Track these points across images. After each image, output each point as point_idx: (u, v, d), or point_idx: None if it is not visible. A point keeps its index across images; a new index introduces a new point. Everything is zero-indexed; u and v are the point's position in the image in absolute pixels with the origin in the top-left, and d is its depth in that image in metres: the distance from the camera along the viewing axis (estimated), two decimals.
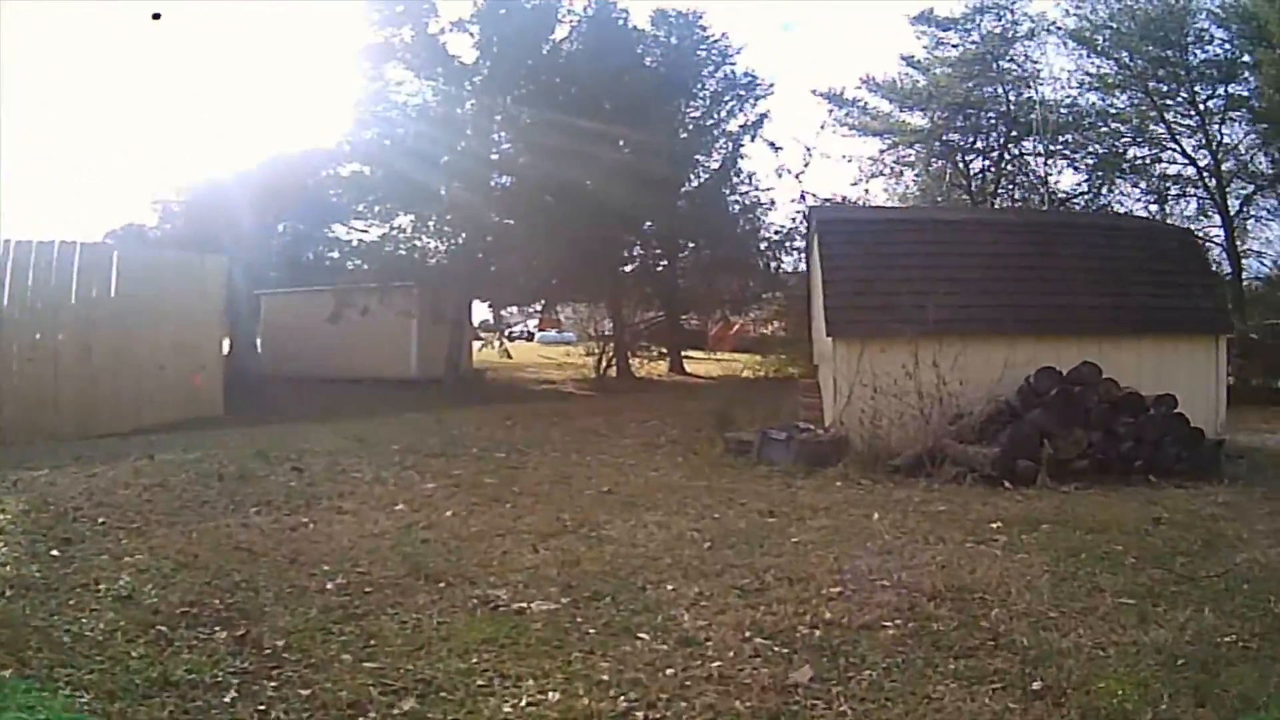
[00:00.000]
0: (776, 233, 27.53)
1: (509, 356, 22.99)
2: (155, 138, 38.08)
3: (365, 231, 24.34)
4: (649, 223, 26.09)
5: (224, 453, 9.88)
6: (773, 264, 27.46)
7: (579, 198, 20.41)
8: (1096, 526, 6.80)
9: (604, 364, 24.43)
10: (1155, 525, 6.87)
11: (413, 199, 21.35)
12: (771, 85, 27.78)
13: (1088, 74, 24.47)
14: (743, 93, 27.49)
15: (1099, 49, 23.75)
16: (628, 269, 27.64)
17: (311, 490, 7.86)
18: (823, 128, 30.74)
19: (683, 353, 29.44)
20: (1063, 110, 24.54)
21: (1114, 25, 23.14)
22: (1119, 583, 5.27)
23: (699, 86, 27.23)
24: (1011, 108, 25.34)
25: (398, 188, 21.06)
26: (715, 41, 27.10)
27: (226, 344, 20.39)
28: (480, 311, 31.01)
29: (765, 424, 12.05)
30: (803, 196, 27.15)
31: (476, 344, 28.06)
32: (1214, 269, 18.71)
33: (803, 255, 27.53)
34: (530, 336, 50.52)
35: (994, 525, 6.84)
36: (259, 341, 24.12)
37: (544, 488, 8.31)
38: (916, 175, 28.72)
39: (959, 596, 5.04)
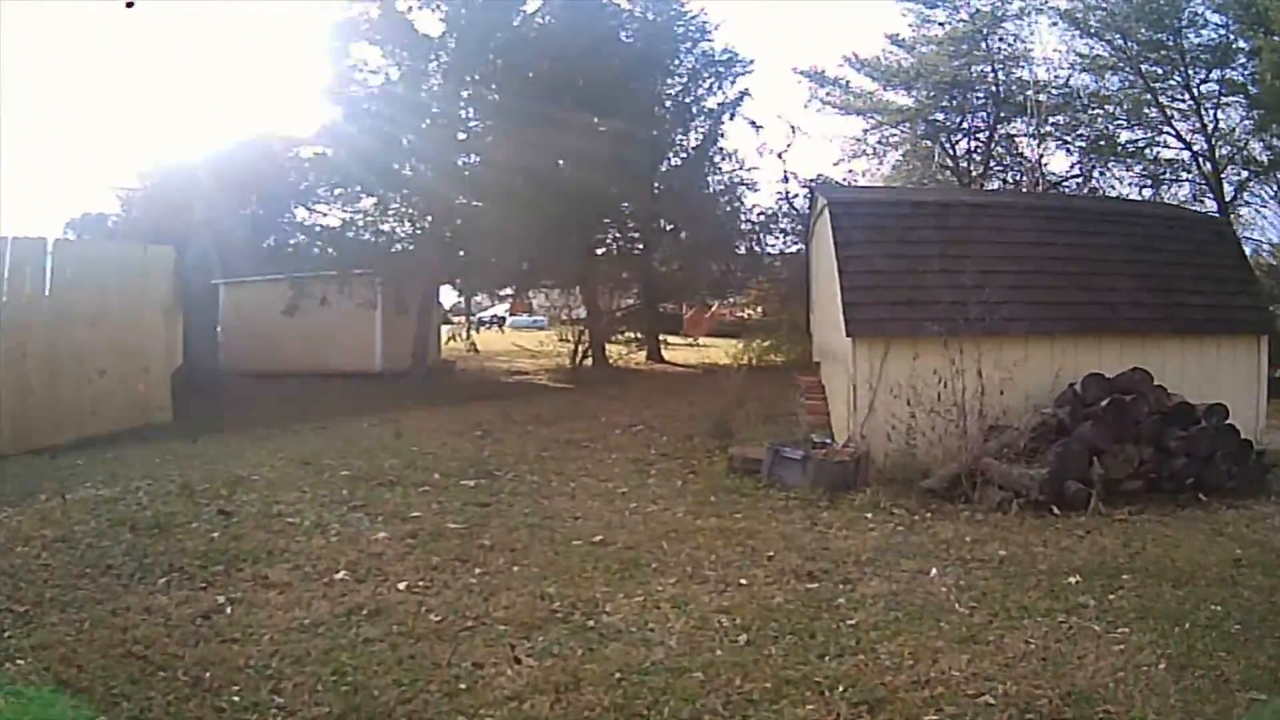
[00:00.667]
0: (760, 214, 26.23)
1: (475, 350, 21.32)
2: (117, 123, 35.86)
3: (326, 215, 22.63)
4: (625, 204, 24.68)
5: (147, 487, 8.33)
6: (755, 246, 26.14)
7: (551, 179, 18.93)
8: (1179, 576, 5.79)
9: (579, 354, 22.86)
10: (1238, 568, 5.98)
11: (376, 181, 19.73)
12: (751, 62, 26.23)
13: (1079, 55, 23.66)
14: (722, 69, 25.93)
15: (1091, 30, 22.83)
16: (602, 253, 26.21)
17: (236, 547, 6.28)
18: (805, 106, 29.20)
19: (660, 339, 28.01)
20: (1053, 91, 23.81)
21: (1105, 7, 22.31)
22: (1241, 667, 4.33)
23: (676, 63, 25.65)
24: (1000, 88, 24.51)
25: (360, 169, 19.43)
26: (693, 17, 25.47)
27: (182, 340, 18.69)
28: (450, 297, 29.60)
29: (767, 432, 10.78)
30: (786, 177, 26.03)
31: (446, 329, 26.45)
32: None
33: (788, 238, 26.49)
34: (501, 322, 48.90)
35: (1072, 581, 5.67)
36: (219, 335, 22.43)
37: (521, 537, 6.74)
38: (902, 155, 27.90)
39: (1083, 715, 3.85)
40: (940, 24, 25.01)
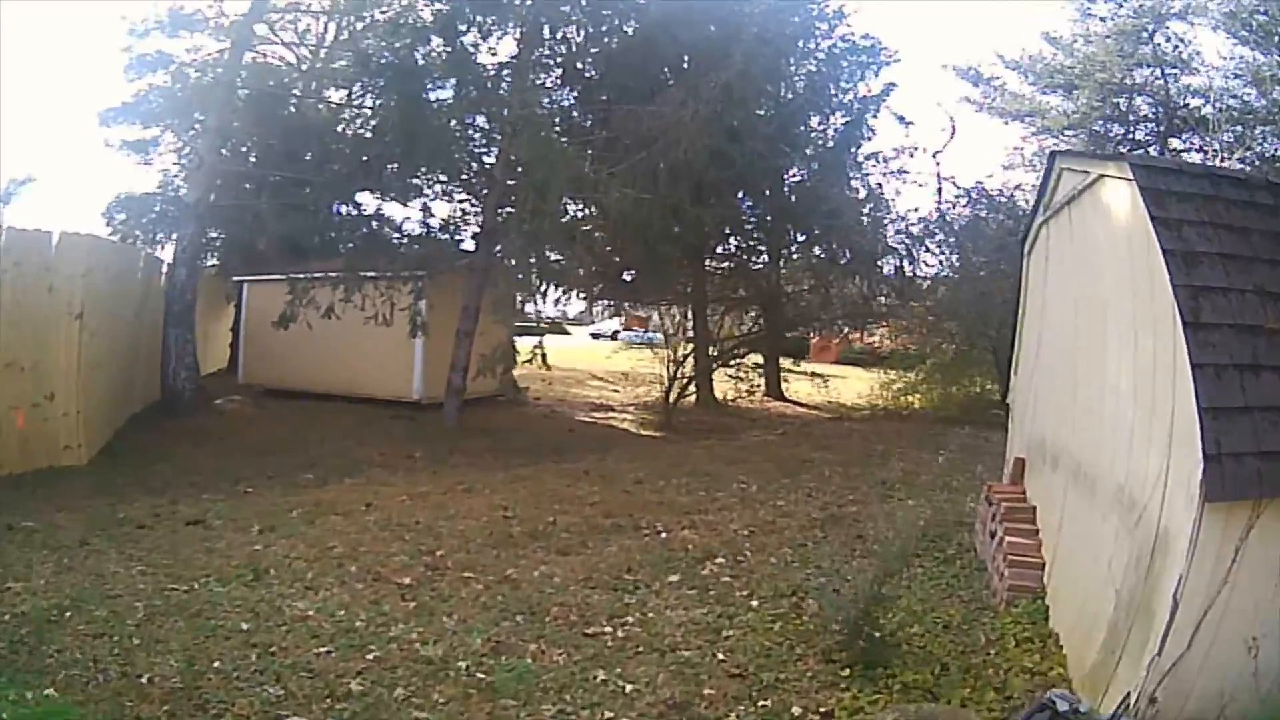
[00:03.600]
0: (914, 224, 19.99)
1: (547, 367, 15.72)
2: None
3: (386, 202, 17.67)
4: (747, 203, 19.01)
5: None
6: (906, 264, 19.87)
7: (654, 171, 13.56)
8: None
9: (677, 390, 17.02)
10: None
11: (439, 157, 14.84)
12: (896, 53, 20.24)
13: (1245, 63, 19.42)
14: (864, 59, 19.78)
15: (1250, 39, 18.89)
16: (718, 266, 20.58)
17: None
18: (969, 105, 23.14)
19: (781, 371, 22.05)
20: (1227, 104, 19.60)
21: (1267, 13, 18.03)
22: None
23: (811, 44, 19.54)
24: (1169, 96, 20.33)
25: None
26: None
27: (159, 352, 14.07)
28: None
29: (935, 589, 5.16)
30: (940, 184, 19.84)
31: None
32: None
33: (944, 255, 20.28)
34: (614, 336, 43.71)
35: None
36: (241, 342, 17.84)
37: None
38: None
39: None
40: (1102, 19, 20.78)
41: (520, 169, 13.46)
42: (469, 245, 15.91)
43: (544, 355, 14.85)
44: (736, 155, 14.27)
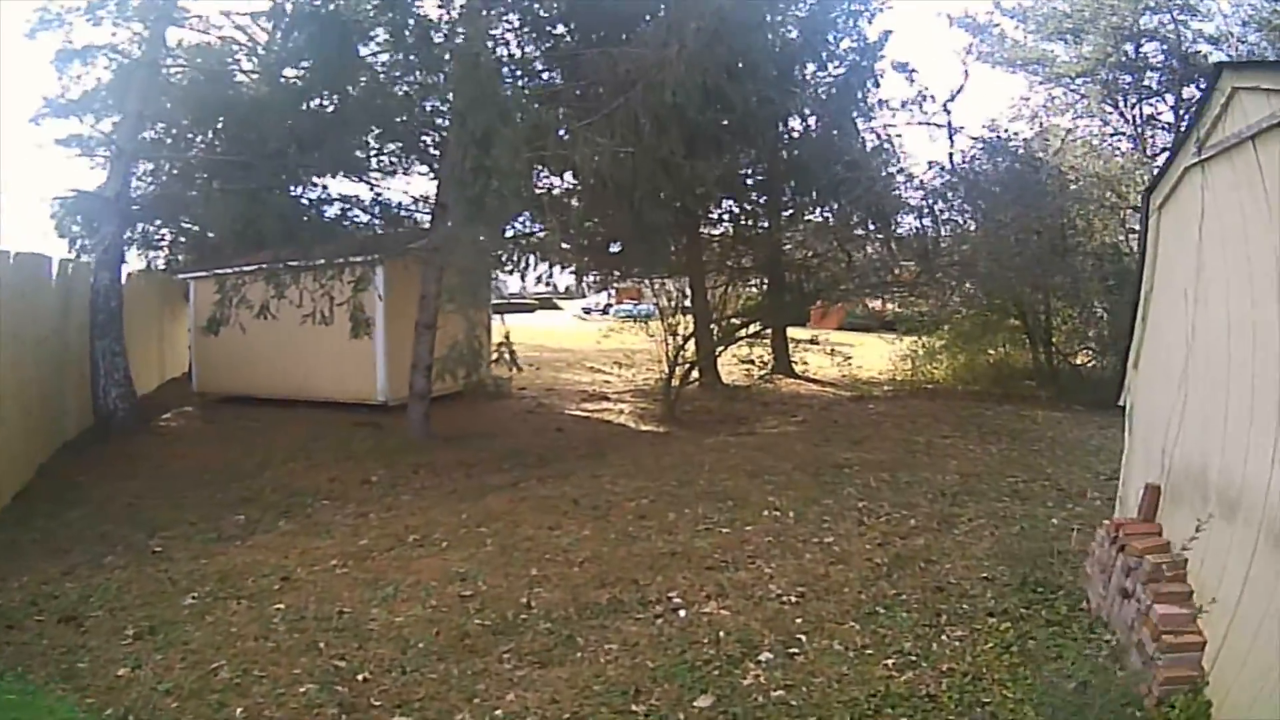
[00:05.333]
0: (937, 176, 17.40)
1: (517, 368, 12.94)
2: None
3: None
4: (745, 161, 16.67)
5: None
6: (927, 222, 17.36)
7: (635, 121, 11.05)
8: None
9: (679, 373, 14.83)
10: None
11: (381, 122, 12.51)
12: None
13: (1254, 8, 18.00)
14: (858, 6, 17.51)
15: None
16: (713, 234, 18.28)
17: None
18: (969, 52, 20.77)
19: (789, 344, 19.82)
20: (1239, 50, 17.90)
21: None
22: None
23: None
24: (1180, 42, 18.56)
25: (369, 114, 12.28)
26: None
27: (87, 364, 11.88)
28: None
29: None
30: (953, 135, 17.43)
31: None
32: None
33: (964, 207, 17.63)
34: (605, 311, 41.37)
35: None
36: (190, 347, 15.57)
37: None
38: (1072, 121, 20.66)
39: None
40: None
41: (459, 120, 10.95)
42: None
43: (512, 354, 11.76)
44: (736, 97, 11.89)
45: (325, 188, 15.13)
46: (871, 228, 16.52)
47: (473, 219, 10.15)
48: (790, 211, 17.59)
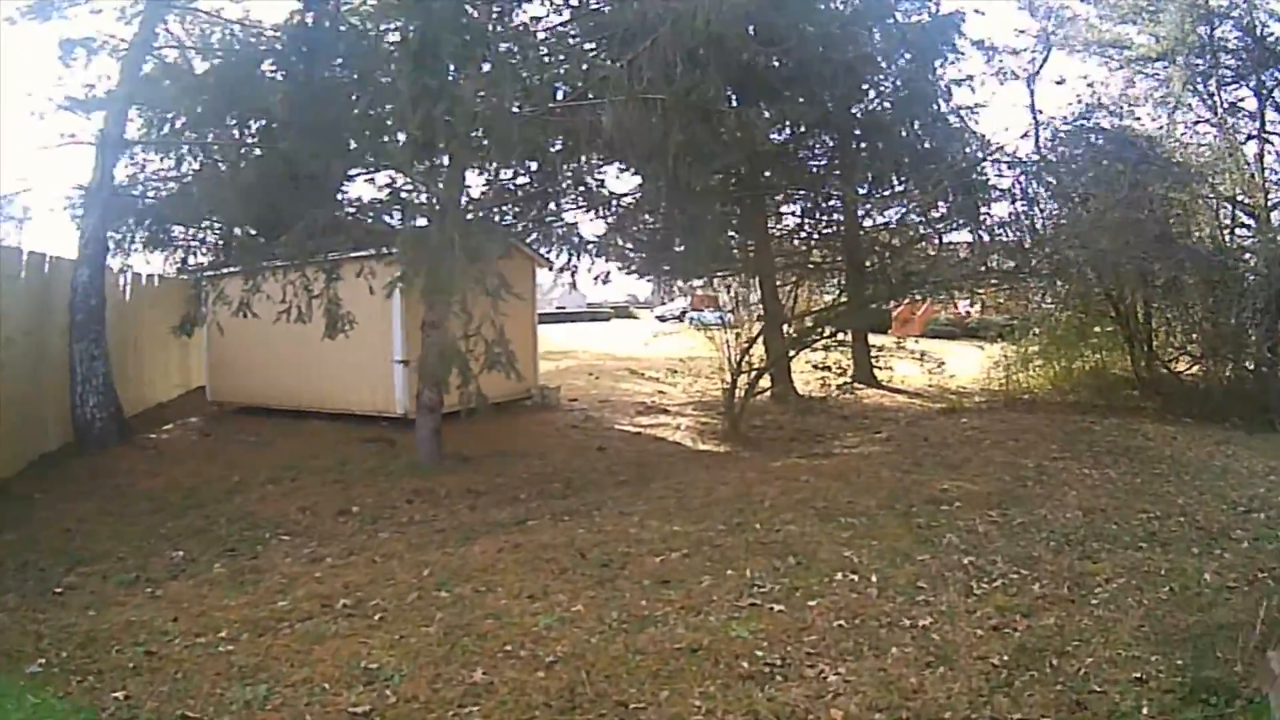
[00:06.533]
0: (1029, 160, 14.75)
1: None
2: None
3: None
4: (813, 150, 14.48)
5: None
6: (1020, 205, 14.67)
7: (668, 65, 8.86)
8: None
9: (743, 385, 12.54)
10: None
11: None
12: None
13: None
14: None
15: None
16: (783, 225, 16.09)
17: None
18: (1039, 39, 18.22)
19: (871, 352, 17.47)
20: None
21: None
22: None
23: None
24: (1255, 24, 16.33)
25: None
26: None
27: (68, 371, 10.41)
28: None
29: None
30: (1036, 116, 14.85)
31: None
32: None
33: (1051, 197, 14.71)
34: (680, 318, 39.31)
35: None
36: (205, 357, 14.03)
37: None
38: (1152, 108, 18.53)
39: None
40: None
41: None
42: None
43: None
44: (787, 30, 9.60)
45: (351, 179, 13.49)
46: (958, 216, 14.04)
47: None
48: (875, 192, 15.12)
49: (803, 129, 13.78)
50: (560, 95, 9.14)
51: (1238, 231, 15.29)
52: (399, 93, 8.29)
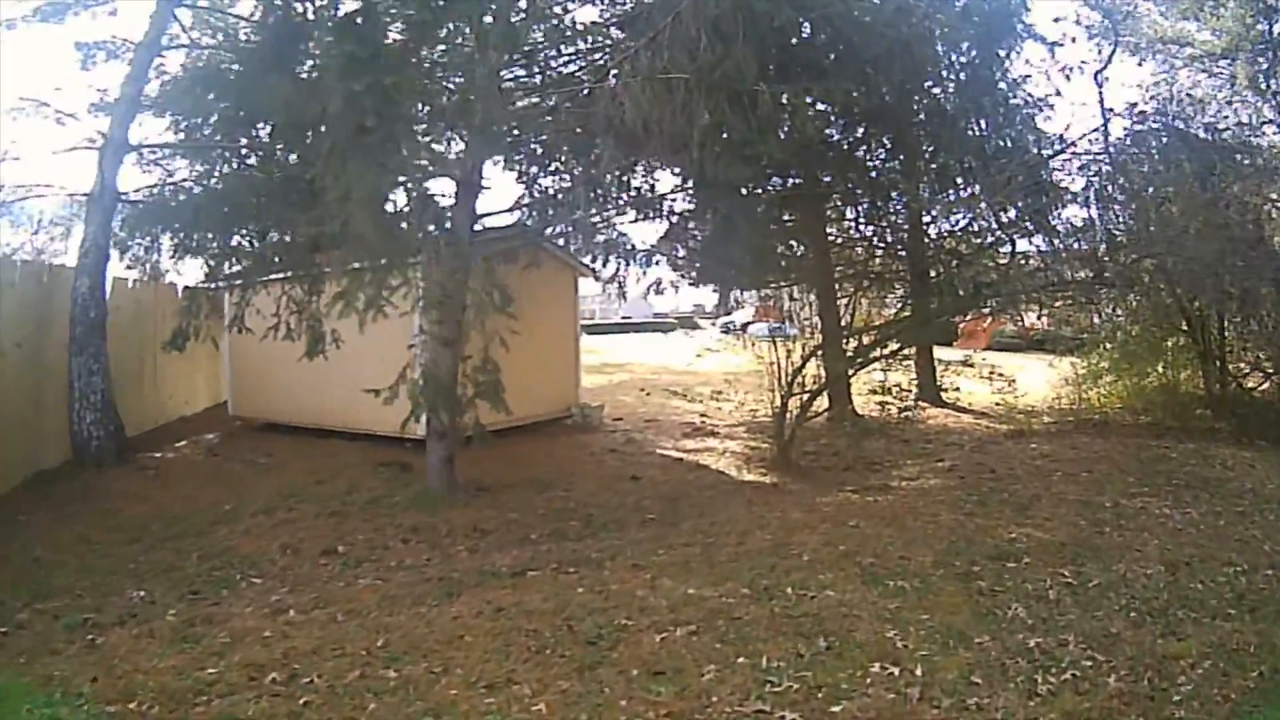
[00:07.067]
0: (1101, 159, 13.14)
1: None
2: None
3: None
4: (878, 147, 13.26)
5: None
6: (1093, 207, 13.07)
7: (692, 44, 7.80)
8: None
9: (795, 406, 11.43)
10: None
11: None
12: None
13: None
14: None
15: None
16: (843, 228, 14.89)
17: None
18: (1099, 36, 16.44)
19: (936, 368, 16.19)
20: None
21: None
22: None
23: None
24: None
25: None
26: None
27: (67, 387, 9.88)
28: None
29: None
30: (1105, 111, 13.19)
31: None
32: None
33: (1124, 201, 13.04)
34: (744, 329, 38.15)
35: None
36: (227, 372, 13.47)
37: None
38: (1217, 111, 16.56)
39: None
40: None
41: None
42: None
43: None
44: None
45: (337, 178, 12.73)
46: (1029, 220, 12.67)
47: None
48: (941, 194, 13.76)
49: (859, 122, 12.55)
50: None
51: None
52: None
